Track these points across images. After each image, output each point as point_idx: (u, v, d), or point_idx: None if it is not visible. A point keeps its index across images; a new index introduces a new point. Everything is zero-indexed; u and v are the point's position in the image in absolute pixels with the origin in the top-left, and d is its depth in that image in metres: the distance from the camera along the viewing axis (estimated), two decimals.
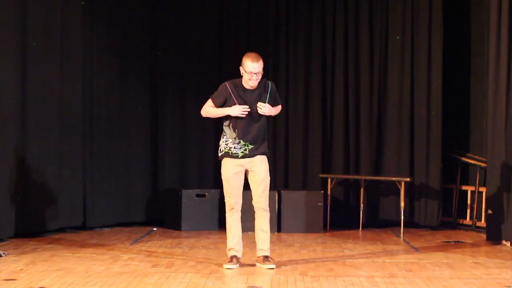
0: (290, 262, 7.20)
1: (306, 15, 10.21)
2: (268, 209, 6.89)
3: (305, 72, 10.22)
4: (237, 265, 6.80)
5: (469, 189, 9.76)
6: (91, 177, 9.34)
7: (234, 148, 6.81)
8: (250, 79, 6.70)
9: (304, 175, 10.21)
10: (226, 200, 6.90)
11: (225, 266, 6.78)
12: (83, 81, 9.22)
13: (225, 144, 6.86)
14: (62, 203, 8.91)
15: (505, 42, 8.42)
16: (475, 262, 7.30)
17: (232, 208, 6.86)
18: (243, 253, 6.98)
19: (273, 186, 10.11)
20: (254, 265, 6.89)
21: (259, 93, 6.78)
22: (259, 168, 6.84)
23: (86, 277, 6.27)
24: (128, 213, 9.79)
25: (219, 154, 6.94)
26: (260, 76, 6.73)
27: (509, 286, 6.08)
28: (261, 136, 6.85)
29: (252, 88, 6.77)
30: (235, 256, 6.84)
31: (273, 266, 6.80)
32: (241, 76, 6.79)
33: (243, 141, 6.79)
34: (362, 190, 9.69)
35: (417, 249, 8.17)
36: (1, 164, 8.20)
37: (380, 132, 10.08)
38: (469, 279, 6.40)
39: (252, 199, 6.89)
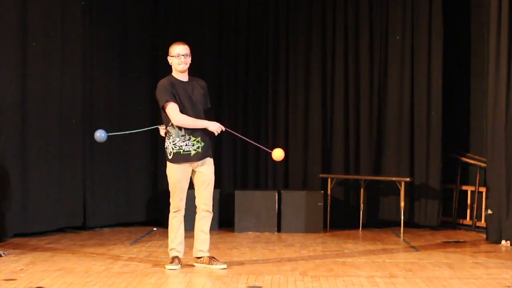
0: (290, 262, 7.20)
1: (306, 15, 10.20)
2: (212, 210, 6.90)
3: (305, 72, 10.21)
4: (179, 265, 6.76)
5: (469, 189, 9.75)
6: (91, 177, 9.34)
7: (186, 145, 6.65)
8: (179, 63, 6.70)
9: (304, 175, 10.20)
10: (172, 201, 6.84)
11: (168, 267, 6.73)
12: (83, 81, 9.22)
13: (173, 144, 6.66)
14: (62, 203, 8.92)
15: (505, 42, 8.41)
16: (475, 262, 7.29)
17: (178, 210, 6.85)
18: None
19: (273, 186, 10.15)
20: (254, 264, 6.89)
21: (193, 86, 6.76)
22: (206, 169, 6.79)
23: (86, 277, 6.27)
24: (128, 213, 9.79)
25: (169, 157, 6.68)
26: (188, 60, 6.72)
27: (509, 286, 6.08)
28: (207, 134, 6.71)
29: (183, 72, 6.73)
30: (177, 257, 6.81)
31: (225, 265, 6.78)
32: (170, 73, 6.78)
33: (193, 137, 6.65)
34: (362, 190, 9.68)
35: (417, 249, 8.16)
36: (1, 164, 8.21)
37: (380, 132, 10.08)
38: (469, 279, 6.39)
39: (195, 198, 6.89)
